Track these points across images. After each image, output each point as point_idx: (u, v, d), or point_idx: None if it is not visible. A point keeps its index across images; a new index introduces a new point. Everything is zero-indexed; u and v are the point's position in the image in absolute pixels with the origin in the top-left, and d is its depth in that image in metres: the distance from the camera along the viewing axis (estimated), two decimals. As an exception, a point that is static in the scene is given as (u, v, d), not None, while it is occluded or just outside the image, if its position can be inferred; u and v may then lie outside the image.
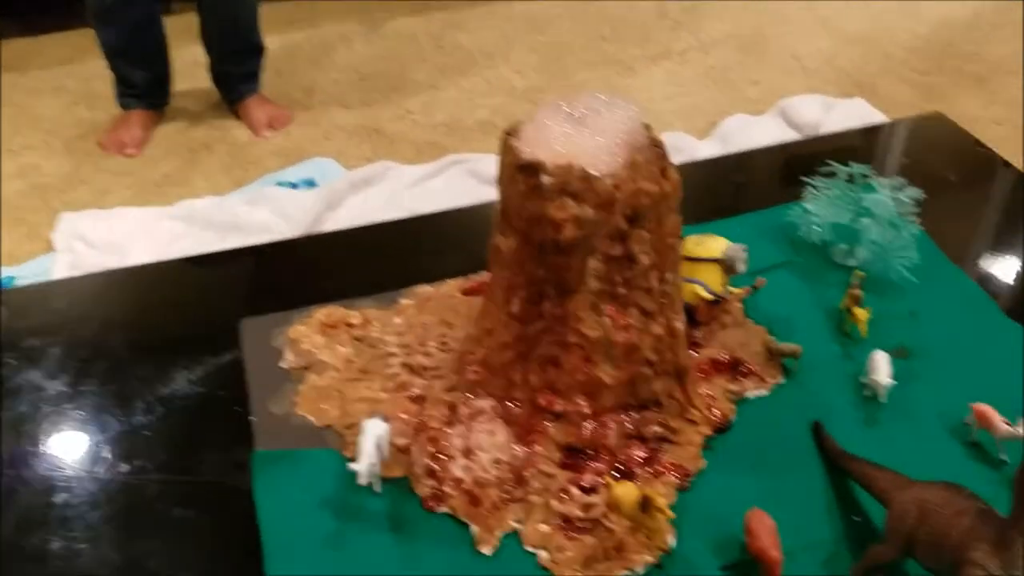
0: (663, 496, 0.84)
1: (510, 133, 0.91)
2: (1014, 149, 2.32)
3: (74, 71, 2.57)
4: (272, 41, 2.36)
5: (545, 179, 0.85)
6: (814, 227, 1.19)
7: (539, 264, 0.90)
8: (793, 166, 1.29)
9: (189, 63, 2.39)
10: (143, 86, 2.23)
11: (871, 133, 1.57)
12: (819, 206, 1.19)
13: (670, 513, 0.84)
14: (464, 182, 2.06)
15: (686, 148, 2.18)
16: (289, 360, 1.08)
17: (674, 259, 0.94)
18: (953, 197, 1.35)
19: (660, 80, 2.57)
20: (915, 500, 0.80)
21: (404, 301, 1.16)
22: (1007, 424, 0.92)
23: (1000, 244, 1.28)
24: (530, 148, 0.87)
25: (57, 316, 1.19)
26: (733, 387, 1.02)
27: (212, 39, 2.24)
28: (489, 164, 2.12)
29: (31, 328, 1.15)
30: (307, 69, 2.59)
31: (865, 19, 2.87)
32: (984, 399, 0.96)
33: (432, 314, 1.13)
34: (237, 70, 2.27)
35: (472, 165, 2.11)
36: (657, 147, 0.89)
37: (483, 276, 1.17)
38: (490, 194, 2.20)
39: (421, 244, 1.32)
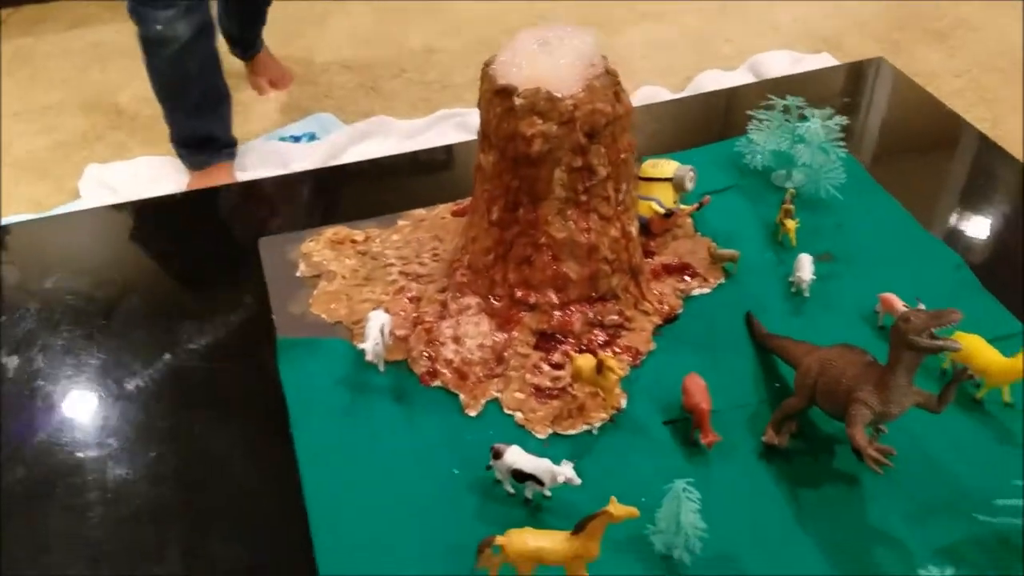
0: (615, 360, 1.02)
1: (488, 63, 1.09)
2: (971, 99, 2.50)
3: (82, 35, 2.73)
4: (275, 7, 2.52)
5: (517, 101, 1.03)
6: (757, 155, 1.37)
7: (514, 176, 1.07)
8: (745, 106, 1.46)
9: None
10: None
11: (818, 75, 1.74)
12: (761, 136, 1.36)
13: (620, 371, 1.02)
14: (455, 133, 2.23)
15: (663, 99, 2.35)
16: (302, 270, 1.26)
17: (628, 173, 1.11)
18: (890, 131, 1.53)
19: (640, 40, 2.74)
20: (817, 358, 0.98)
21: (401, 222, 1.34)
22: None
23: (926, 168, 1.46)
24: (504, 74, 1.04)
25: (92, 243, 1.37)
26: (681, 286, 1.21)
27: (230, 2, 2.30)
28: (478, 117, 2.32)
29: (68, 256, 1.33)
30: (307, 31, 2.74)
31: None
32: (893, 291, 1.14)
33: (426, 232, 1.31)
34: (252, 32, 2.37)
35: (462, 118, 2.28)
36: (612, 74, 1.07)
37: (469, 200, 1.34)
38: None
39: (416, 176, 1.49)
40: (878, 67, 1.65)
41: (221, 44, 2.15)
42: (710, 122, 1.59)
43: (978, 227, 1.34)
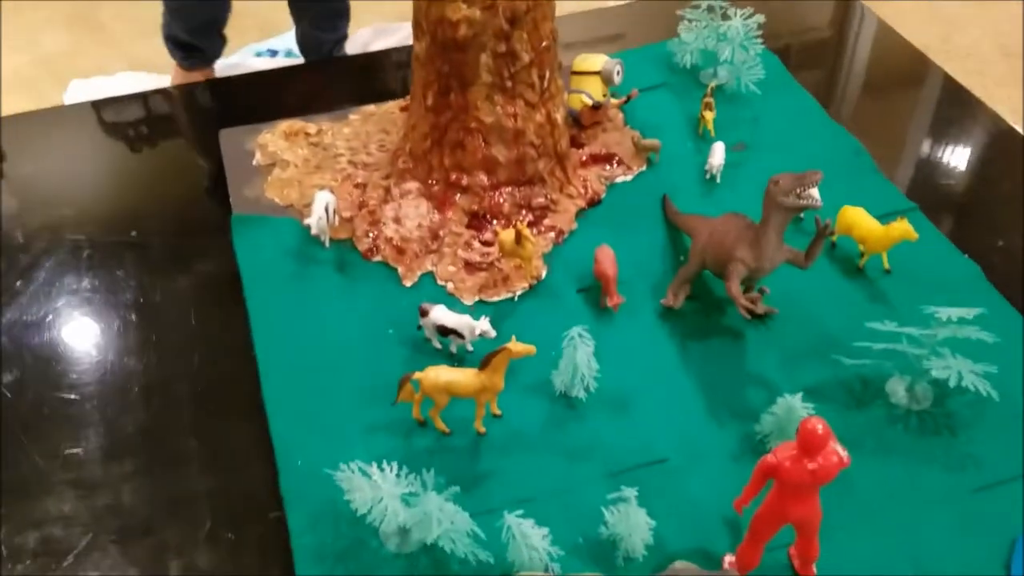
0: (529, 231, 1.13)
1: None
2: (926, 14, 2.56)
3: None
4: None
5: (443, -10, 1.12)
6: (687, 54, 1.46)
7: (444, 61, 1.17)
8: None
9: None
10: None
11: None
12: (691, 36, 1.45)
13: (534, 240, 1.13)
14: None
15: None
16: (258, 159, 1.37)
17: (551, 60, 1.21)
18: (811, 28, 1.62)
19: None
20: (707, 226, 1.09)
21: (352, 116, 1.44)
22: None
23: (842, 65, 1.55)
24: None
25: (67, 137, 1.47)
26: (606, 173, 1.31)
27: (308, 43, 2.12)
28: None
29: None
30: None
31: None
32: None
33: (374, 125, 1.41)
34: (330, 36, 2.11)
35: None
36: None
37: (415, 95, 1.44)
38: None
39: (368, 74, 1.59)
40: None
41: None
42: (656, 27, 1.67)
43: (880, 119, 1.43)
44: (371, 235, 1.24)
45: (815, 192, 0.99)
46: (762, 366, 1.06)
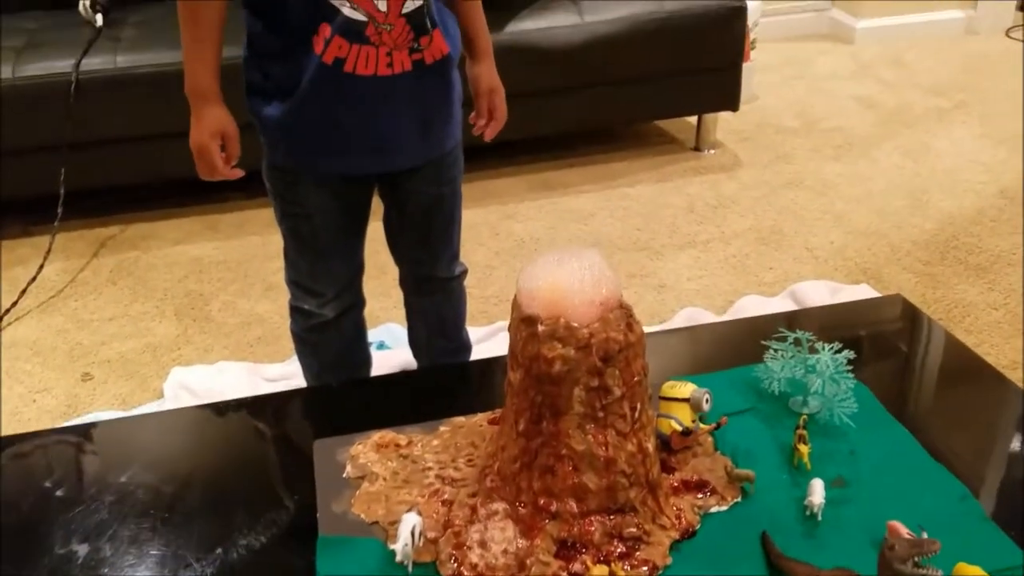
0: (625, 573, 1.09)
1: (515, 297, 1.24)
2: (1008, 331, 2.57)
3: (186, 250, 3.05)
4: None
5: (540, 328, 1.17)
6: (774, 381, 1.47)
7: (537, 392, 1.20)
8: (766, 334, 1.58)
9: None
10: None
11: (841, 309, 1.86)
12: (777, 364, 1.47)
13: (628, 581, 1.09)
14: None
15: (703, 321, 2.49)
16: (349, 471, 1.38)
17: (642, 393, 1.23)
18: (900, 360, 1.62)
19: (685, 264, 2.92)
20: (816, 578, 1.04)
21: (442, 428, 1.46)
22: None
23: (934, 398, 1.54)
24: (530, 301, 1.19)
25: (154, 444, 1.52)
26: (699, 502, 1.28)
27: (421, 346, 2.13)
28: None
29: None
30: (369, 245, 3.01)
31: (875, 215, 3.21)
32: (901, 519, 1.19)
33: (463, 438, 1.43)
34: (448, 345, 2.12)
35: (515, 333, 2.45)
36: (624, 308, 1.21)
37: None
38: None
39: (460, 385, 1.63)
40: (896, 302, 1.77)
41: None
42: (742, 346, 1.71)
43: (986, 459, 1.39)
44: (455, 560, 1.21)
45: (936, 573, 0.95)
46: None
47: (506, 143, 1.79)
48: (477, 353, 2.29)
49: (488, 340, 2.45)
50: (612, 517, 1.21)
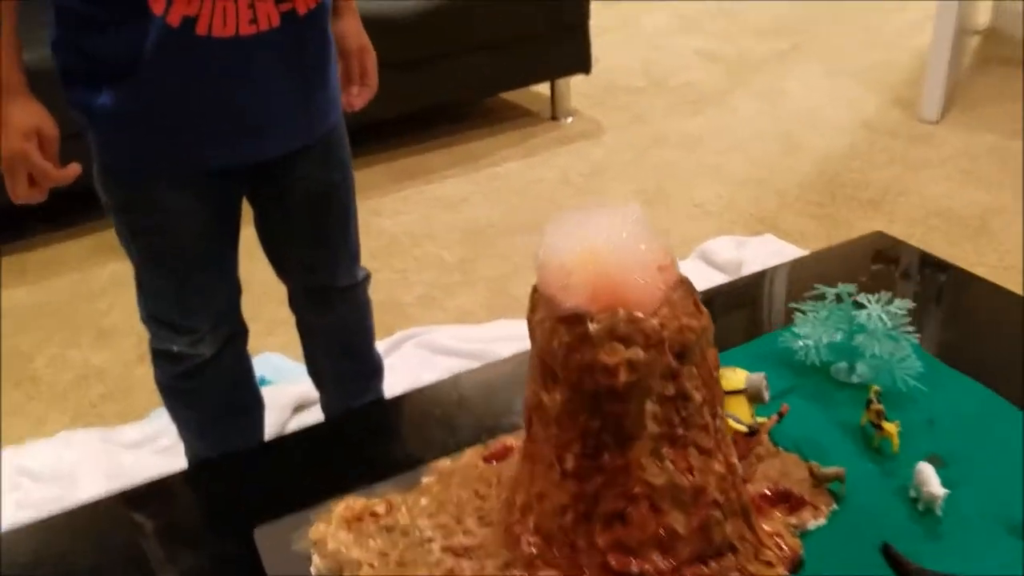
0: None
1: (536, 288, 0.91)
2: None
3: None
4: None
5: (592, 327, 0.85)
6: (810, 349, 1.22)
7: (594, 415, 0.87)
8: (770, 294, 1.34)
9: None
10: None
11: (819, 259, 1.65)
12: (811, 329, 1.22)
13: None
14: (418, 355, 2.04)
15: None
16: (318, 566, 1.00)
17: (720, 393, 0.93)
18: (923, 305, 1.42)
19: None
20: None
21: (425, 479, 1.10)
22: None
23: (980, 343, 1.35)
24: (566, 290, 0.86)
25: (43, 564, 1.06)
26: (793, 519, 1.00)
27: (324, 374, 1.74)
28: (440, 334, 2.14)
29: None
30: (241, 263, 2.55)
31: (751, 164, 3.09)
32: (1027, 491, 0.97)
33: (460, 488, 1.08)
34: (358, 402, 1.73)
35: (423, 338, 2.10)
36: (686, 281, 0.91)
37: (504, 440, 1.13)
38: (450, 363, 2.16)
39: (415, 420, 1.27)
40: (879, 239, 1.58)
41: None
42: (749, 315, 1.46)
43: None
44: (507, 662, 0.87)
45: None
46: None
47: (352, 131, 1.44)
48: (387, 375, 1.93)
49: (392, 354, 2.08)
50: (709, 565, 0.91)
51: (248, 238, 1.51)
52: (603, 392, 0.86)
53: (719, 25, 4.37)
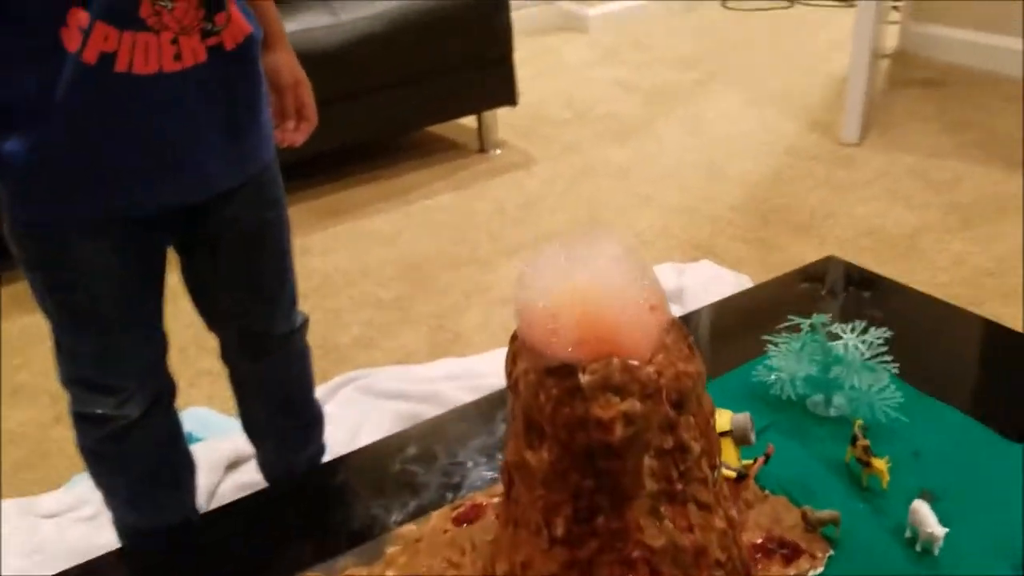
0: None
1: (515, 337, 0.84)
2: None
3: None
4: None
5: (584, 379, 0.77)
6: (786, 383, 1.17)
7: (586, 474, 0.80)
8: (734, 325, 1.29)
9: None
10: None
11: (774, 286, 1.62)
12: (785, 361, 1.18)
13: None
14: (361, 400, 1.93)
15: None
16: (279, 657, 0.89)
17: (717, 441, 0.87)
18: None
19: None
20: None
21: (390, 549, 1.01)
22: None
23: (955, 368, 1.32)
24: (552, 337, 0.79)
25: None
26: (792, 571, 0.94)
27: (261, 428, 1.62)
28: (381, 376, 2.04)
29: None
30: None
31: (681, 191, 3.09)
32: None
33: (429, 557, 0.99)
34: (299, 456, 1.61)
35: (363, 381, 1.99)
36: (676, 323, 0.85)
37: (474, 497, 1.05)
38: (393, 407, 2.05)
39: (371, 480, 1.17)
40: (830, 264, 1.56)
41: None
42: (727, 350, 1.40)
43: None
44: None
45: None
46: None
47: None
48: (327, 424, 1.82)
49: (330, 401, 1.96)
50: (714, 630, 0.84)
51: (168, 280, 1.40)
52: (597, 449, 0.79)
53: (636, 57, 4.41)
